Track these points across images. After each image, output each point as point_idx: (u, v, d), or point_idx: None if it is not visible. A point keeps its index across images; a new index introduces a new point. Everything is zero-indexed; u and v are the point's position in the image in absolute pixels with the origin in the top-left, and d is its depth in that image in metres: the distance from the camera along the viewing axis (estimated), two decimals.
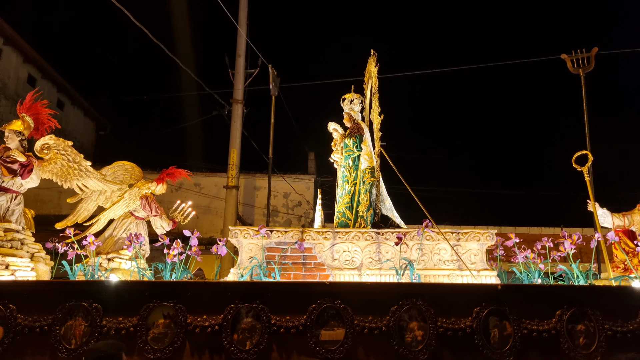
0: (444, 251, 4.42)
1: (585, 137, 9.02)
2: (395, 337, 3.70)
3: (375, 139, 4.85)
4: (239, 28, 12.87)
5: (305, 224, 14.77)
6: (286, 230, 4.36)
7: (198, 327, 3.68)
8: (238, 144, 12.64)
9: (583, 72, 9.57)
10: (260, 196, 15.05)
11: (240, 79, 12.83)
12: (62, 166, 4.76)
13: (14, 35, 15.26)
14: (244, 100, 12.86)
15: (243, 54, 12.88)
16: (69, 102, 18.60)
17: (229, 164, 12.72)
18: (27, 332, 3.65)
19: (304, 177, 15.26)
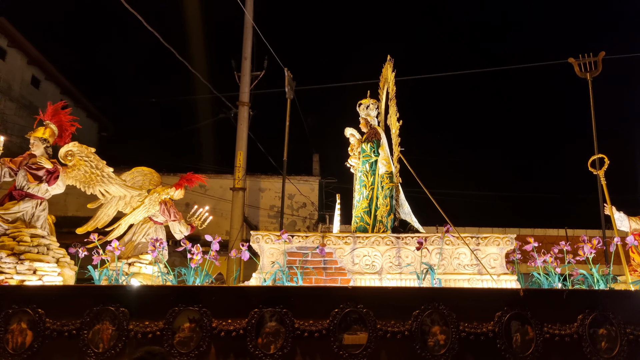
0: (463, 255, 4.45)
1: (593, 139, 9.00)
2: (418, 341, 3.73)
3: (394, 144, 4.90)
4: (245, 30, 12.96)
5: (309, 225, 14.80)
6: (307, 235, 4.42)
7: (223, 331, 3.73)
8: (244, 146, 12.72)
9: (590, 76, 9.57)
10: (265, 198, 15.09)
11: (247, 81, 12.92)
12: (85, 172, 4.84)
13: (19, 36, 15.44)
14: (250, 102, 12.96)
15: (249, 56, 12.96)
16: (73, 104, 18.82)
17: (236, 165, 12.79)
18: (56, 336, 3.72)
19: (309, 179, 15.27)
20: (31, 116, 16.54)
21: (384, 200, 4.70)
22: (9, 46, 15.43)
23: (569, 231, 13.22)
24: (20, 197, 4.47)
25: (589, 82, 9.26)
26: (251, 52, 12.84)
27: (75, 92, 18.69)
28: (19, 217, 4.43)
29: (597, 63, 9.32)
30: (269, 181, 14.83)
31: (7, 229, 4.34)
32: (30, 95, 16.45)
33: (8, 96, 15.38)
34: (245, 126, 12.51)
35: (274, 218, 14.66)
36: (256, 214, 14.89)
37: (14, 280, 4.04)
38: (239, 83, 12.98)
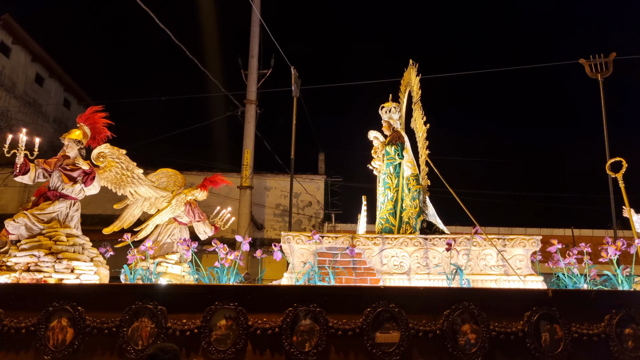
0: (489, 257, 4.55)
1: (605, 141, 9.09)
2: (449, 340, 3.82)
3: (421, 147, 4.99)
4: (252, 29, 13.05)
5: (315, 224, 14.85)
6: (337, 236, 4.51)
7: (259, 329, 3.82)
8: (252, 144, 12.81)
9: (601, 77, 9.65)
10: (271, 196, 15.12)
11: (254, 79, 13.00)
12: (116, 174, 4.94)
13: (23, 33, 15.55)
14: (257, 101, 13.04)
15: (256, 54, 13.04)
16: (75, 101, 18.93)
17: (243, 164, 12.88)
18: (96, 333, 3.81)
19: (315, 177, 15.31)
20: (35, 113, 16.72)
21: (412, 202, 4.79)
22: (13, 43, 15.54)
23: (575, 231, 13.34)
24: (55, 198, 4.56)
25: (600, 82, 9.37)
26: (258, 50, 12.92)
27: (78, 90, 18.81)
28: (53, 217, 4.53)
29: (608, 64, 9.46)
30: (274, 180, 14.88)
31: (42, 228, 4.43)
32: (34, 93, 16.59)
33: (12, 93, 15.50)
34: (253, 124, 12.60)
35: (279, 217, 14.71)
36: (261, 212, 14.94)
37: (52, 279, 4.13)
38: (245, 81, 13.06)
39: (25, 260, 4.19)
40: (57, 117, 17.92)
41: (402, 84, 5.81)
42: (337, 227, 13.84)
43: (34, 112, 16.63)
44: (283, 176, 14.82)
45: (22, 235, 4.44)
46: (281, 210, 14.71)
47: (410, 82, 5.49)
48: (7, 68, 15.47)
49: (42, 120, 16.82)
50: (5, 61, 15.39)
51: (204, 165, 14.97)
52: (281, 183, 14.85)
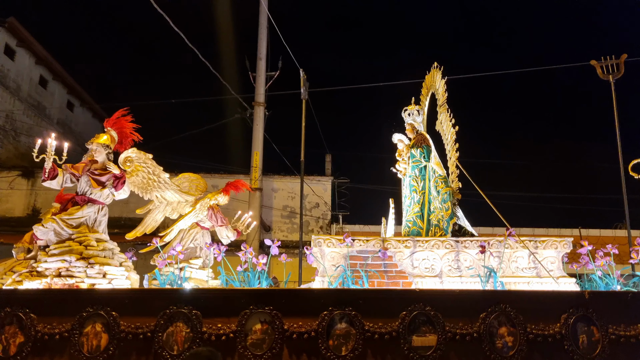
0: (521, 259, 4.53)
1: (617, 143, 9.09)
2: (486, 343, 3.80)
3: (451, 150, 4.98)
4: (259, 31, 13.08)
5: (322, 226, 14.81)
6: (368, 239, 4.49)
7: (295, 333, 3.79)
8: (260, 146, 12.80)
9: (613, 78, 9.67)
10: (278, 198, 15.08)
11: (262, 81, 13.02)
12: (143, 178, 4.92)
13: (27, 36, 15.57)
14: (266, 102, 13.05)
15: (264, 56, 13.07)
16: (78, 104, 18.93)
17: (252, 166, 12.86)
18: (131, 339, 3.77)
19: (321, 179, 15.29)
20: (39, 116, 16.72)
21: (443, 205, 4.78)
22: (18, 46, 15.56)
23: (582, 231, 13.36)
24: (84, 203, 4.54)
25: (612, 84, 9.39)
26: (266, 52, 12.95)
27: (82, 93, 18.80)
28: (82, 222, 4.50)
29: (619, 65, 9.48)
30: (281, 181, 14.86)
31: (71, 233, 4.41)
32: (38, 95, 16.60)
33: (17, 96, 15.51)
34: (261, 126, 12.62)
35: (286, 218, 14.67)
36: (269, 214, 14.90)
37: (84, 284, 4.10)
38: (253, 83, 13.06)
39: (57, 266, 4.16)
40: (61, 119, 17.92)
41: (424, 86, 5.81)
42: (344, 229, 13.81)
43: (38, 115, 16.62)
44: (290, 178, 14.80)
45: (51, 241, 4.42)
46: (288, 212, 14.68)
47: (434, 84, 5.49)
48: (12, 71, 15.48)
49: (46, 122, 16.82)
50: (10, 64, 15.40)
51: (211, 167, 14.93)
52: (288, 185, 14.82)
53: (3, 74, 15.04)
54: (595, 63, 9.74)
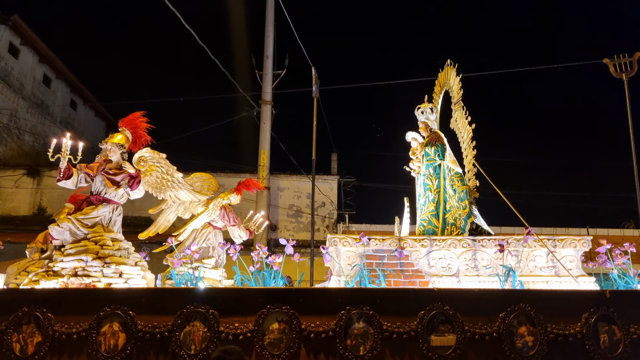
0: (539, 258, 4.48)
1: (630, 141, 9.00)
2: (506, 342, 3.75)
3: (467, 148, 4.94)
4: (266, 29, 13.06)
5: (329, 225, 14.76)
6: (384, 238, 4.46)
7: (313, 333, 3.76)
8: (268, 144, 12.79)
9: (626, 76, 9.57)
10: (284, 197, 15.01)
11: (269, 80, 13.00)
12: (157, 177, 4.92)
13: (31, 34, 15.59)
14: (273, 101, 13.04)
15: (271, 55, 13.05)
16: (81, 102, 18.98)
17: (259, 164, 12.84)
18: (149, 338, 3.76)
19: (327, 178, 15.18)
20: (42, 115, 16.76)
21: (460, 203, 4.74)
22: (21, 44, 15.59)
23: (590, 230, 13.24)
24: (98, 202, 4.54)
25: (625, 82, 9.30)
26: (273, 50, 12.94)
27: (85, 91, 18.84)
28: (97, 221, 4.50)
29: (632, 63, 9.39)
30: (287, 180, 14.79)
31: (87, 233, 4.41)
32: (41, 94, 16.62)
33: (20, 94, 15.55)
34: (269, 125, 12.61)
35: (292, 217, 14.60)
36: (275, 213, 14.85)
37: (101, 284, 4.10)
38: (260, 81, 13.05)
39: (73, 265, 4.16)
40: (64, 118, 17.96)
41: (437, 84, 5.77)
42: (351, 228, 13.77)
43: (41, 113, 16.66)
44: (296, 177, 14.76)
45: (66, 240, 4.42)
46: (294, 211, 14.64)
47: (447, 82, 5.45)
48: (16, 69, 15.51)
49: (49, 121, 16.87)
50: (14, 62, 15.43)
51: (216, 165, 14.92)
52: (294, 183, 14.78)
53: (7, 72, 15.07)
54: (608, 61, 9.67)
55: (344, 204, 15.25)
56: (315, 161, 8.47)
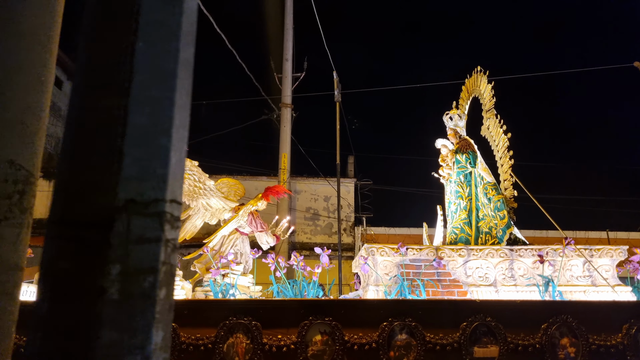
0: (575, 267, 4.50)
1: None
2: (549, 354, 3.77)
3: (503, 157, 4.94)
4: (285, 32, 13.03)
5: (346, 228, 14.77)
6: (421, 248, 4.46)
7: (356, 345, 3.77)
8: (288, 148, 12.78)
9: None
10: (301, 199, 14.99)
11: (288, 83, 12.99)
12: (189, 185, 4.89)
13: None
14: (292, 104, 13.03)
15: (290, 58, 13.02)
16: None
17: (280, 168, 12.82)
18: (192, 350, 3.75)
19: (344, 181, 15.17)
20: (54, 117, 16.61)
21: (498, 213, 4.73)
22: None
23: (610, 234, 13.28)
24: None
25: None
26: (292, 53, 12.91)
27: None
28: None
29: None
30: (304, 183, 14.79)
31: None
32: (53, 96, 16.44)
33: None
34: (289, 128, 12.61)
35: (310, 220, 14.60)
36: (292, 216, 14.85)
37: None
38: (279, 84, 13.01)
39: None
40: None
41: (465, 90, 5.75)
42: (368, 231, 13.79)
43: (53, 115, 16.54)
44: (313, 179, 14.76)
45: None
46: (312, 214, 14.64)
47: (477, 89, 5.44)
48: None
49: (61, 123, 16.79)
50: None
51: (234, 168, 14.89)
52: (311, 186, 14.78)
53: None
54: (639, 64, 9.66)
55: (361, 207, 15.24)
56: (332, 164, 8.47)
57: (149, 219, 0.80)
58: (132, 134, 0.79)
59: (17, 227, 0.99)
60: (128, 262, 0.77)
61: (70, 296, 0.78)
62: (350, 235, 14.12)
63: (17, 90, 0.97)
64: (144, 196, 0.79)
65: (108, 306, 0.77)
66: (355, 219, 14.65)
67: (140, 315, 0.78)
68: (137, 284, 0.78)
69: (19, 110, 0.98)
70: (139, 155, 0.80)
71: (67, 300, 0.78)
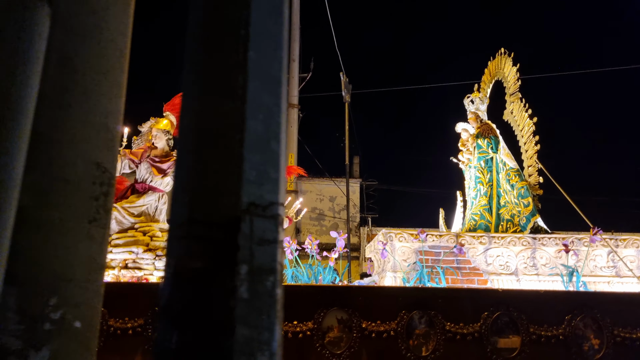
0: (599, 257, 4.38)
1: None
2: (573, 345, 3.67)
3: (528, 143, 4.76)
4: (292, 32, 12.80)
5: (352, 228, 14.65)
6: (441, 234, 4.34)
7: (374, 332, 3.67)
8: (295, 148, 12.75)
9: None
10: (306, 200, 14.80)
11: (295, 83, 12.91)
12: None
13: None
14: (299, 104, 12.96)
15: (297, 58, 12.91)
16: None
17: None
18: None
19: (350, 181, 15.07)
20: None
21: (521, 200, 4.58)
22: None
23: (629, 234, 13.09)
24: (144, 190, 4.39)
25: None
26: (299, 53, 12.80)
27: None
28: (143, 210, 4.36)
29: None
30: (310, 183, 14.63)
31: (134, 222, 4.27)
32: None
33: None
34: (296, 128, 12.62)
35: (315, 220, 14.45)
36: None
37: (153, 277, 3.98)
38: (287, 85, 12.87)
39: (123, 257, 4.04)
40: None
41: (487, 73, 5.55)
42: (374, 231, 13.72)
43: None
44: (319, 180, 14.62)
45: (113, 229, 4.28)
46: (317, 214, 14.54)
47: (500, 72, 5.24)
48: None
49: None
50: None
51: None
52: (316, 187, 14.63)
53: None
54: None
55: (366, 207, 15.07)
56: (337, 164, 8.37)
57: (267, 221, 0.84)
58: (250, 140, 0.85)
59: (103, 227, 1.03)
60: (253, 263, 0.82)
61: (205, 295, 0.81)
62: (356, 236, 14.00)
63: (101, 96, 1.04)
64: (262, 199, 0.84)
65: (240, 304, 0.80)
66: (360, 219, 14.56)
67: (266, 313, 0.82)
68: (261, 283, 0.82)
69: (103, 115, 1.04)
70: (256, 160, 0.86)
71: (202, 298, 0.81)
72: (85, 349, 0.98)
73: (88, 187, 0.99)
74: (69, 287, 0.94)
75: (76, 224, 0.96)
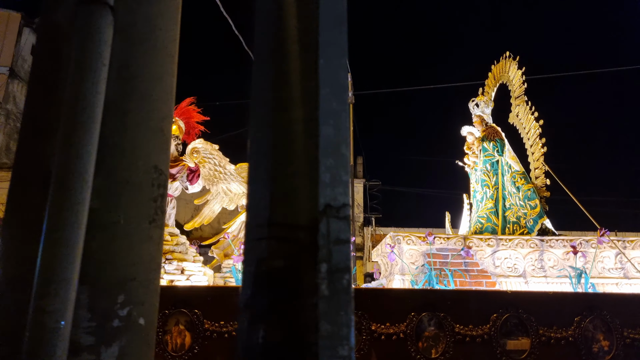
0: (607, 259, 4.38)
1: None
2: (582, 347, 3.67)
3: (534, 145, 4.79)
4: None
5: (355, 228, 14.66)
6: (448, 237, 4.35)
7: (383, 335, 3.68)
8: None
9: None
10: None
11: None
12: (209, 170, 4.79)
13: None
14: None
15: None
16: None
17: None
18: (216, 337, 3.68)
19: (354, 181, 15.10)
20: None
21: (528, 202, 4.60)
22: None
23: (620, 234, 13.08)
24: None
25: None
26: None
27: None
28: None
29: None
30: None
31: None
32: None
33: None
34: None
35: None
36: None
37: (163, 280, 4.00)
38: None
39: None
40: None
41: (491, 77, 5.58)
42: (377, 231, 13.72)
43: None
44: None
45: None
46: None
47: (505, 75, 5.27)
48: None
49: None
50: None
51: None
52: None
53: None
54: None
55: (369, 207, 15.09)
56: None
57: (341, 222, 0.89)
58: (323, 144, 0.90)
59: (160, 228, 1.07)
60: (331, 262, 0.86)
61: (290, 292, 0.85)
62: (360, 236, 14.01)
63: (157, 100, 1.08)
64: (336, 201, 0.89)
65: (322, 301, 0.84)
66: (364, 219, 14.59)
67: (344, 309, 0.86)
68: (339, 281, 0.86)
69: (159, 119, 1.08)
70: (329, 163, 0.90)
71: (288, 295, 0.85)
72: (147, 346, 1.01)
73: (148, 189, 1.04)
74: (133, 286, 0.99)
75: (138, 224, 1.01)
